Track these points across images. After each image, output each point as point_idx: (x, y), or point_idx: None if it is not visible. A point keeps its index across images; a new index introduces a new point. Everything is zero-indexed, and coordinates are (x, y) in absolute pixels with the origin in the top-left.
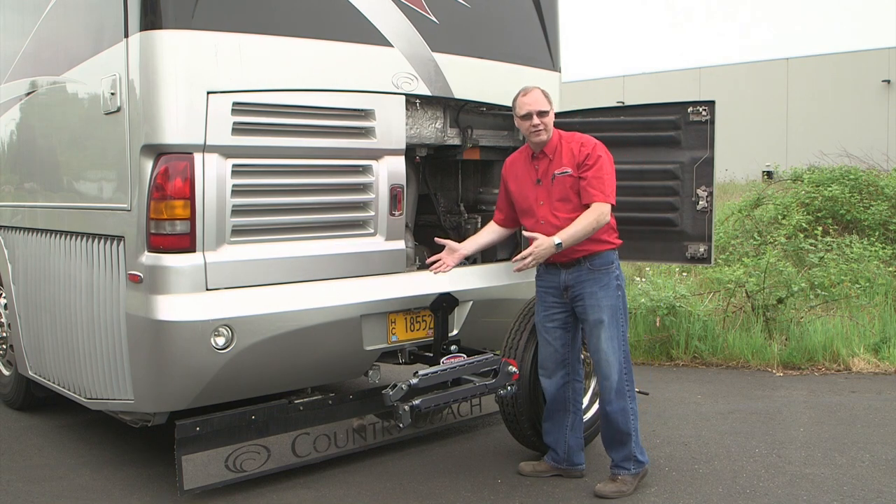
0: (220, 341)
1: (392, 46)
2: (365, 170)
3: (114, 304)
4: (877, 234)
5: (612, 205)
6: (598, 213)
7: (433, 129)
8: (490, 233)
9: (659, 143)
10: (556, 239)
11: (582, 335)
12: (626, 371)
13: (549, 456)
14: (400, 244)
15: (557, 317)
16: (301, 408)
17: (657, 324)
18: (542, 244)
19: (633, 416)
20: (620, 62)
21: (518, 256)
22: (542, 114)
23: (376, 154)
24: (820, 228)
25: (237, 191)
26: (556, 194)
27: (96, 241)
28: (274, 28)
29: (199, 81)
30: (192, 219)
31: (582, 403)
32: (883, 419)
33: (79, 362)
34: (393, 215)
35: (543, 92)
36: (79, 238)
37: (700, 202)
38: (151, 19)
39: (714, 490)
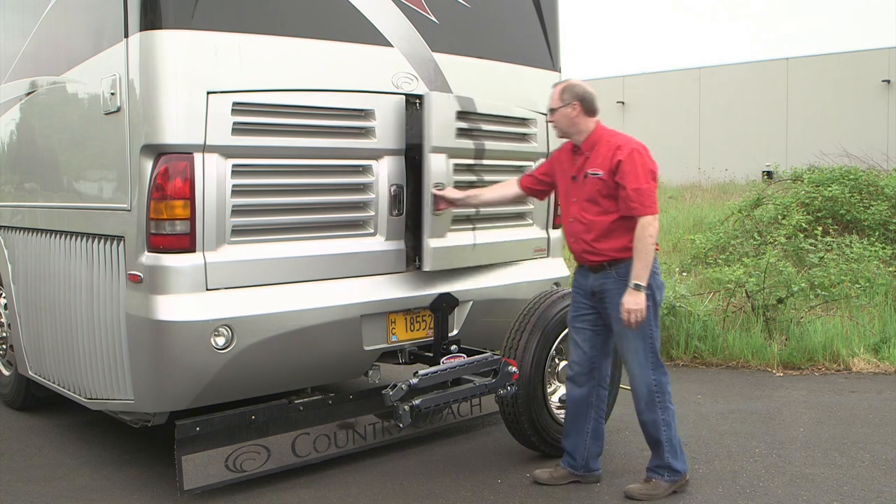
0: (221, 341)
1: (392, 46)
2: (365, 170)
3: (114, 304)
4: (877, 234)
5: (655, 214)
6: (643, 230)
7: None
8: (503, 188)
9: None
10: (633, 282)
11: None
12: (655, 383)
13: (565, 461)
14: (400, 244)
15: (587, 318)
16: (301, 408)
17: None
18: (628, 300)
19: (665, 427)
20: (620, 62)
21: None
22: (550, 111)
23: (376, 154)
24: (820, 228)
25: (237, 191)
26: (585, 194)
27: (96, 241)
28: (274, 28)
29: (198, 81)
30: (192, 219)
31: (604, 411)
32: (883, 419)
33: (79, 362)
34: (393, 215)
35: (559, 89)
36: (79, 238)
37: None
38: (151, 19)
39: (714, 490)
